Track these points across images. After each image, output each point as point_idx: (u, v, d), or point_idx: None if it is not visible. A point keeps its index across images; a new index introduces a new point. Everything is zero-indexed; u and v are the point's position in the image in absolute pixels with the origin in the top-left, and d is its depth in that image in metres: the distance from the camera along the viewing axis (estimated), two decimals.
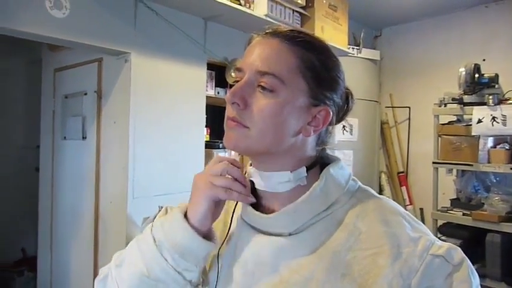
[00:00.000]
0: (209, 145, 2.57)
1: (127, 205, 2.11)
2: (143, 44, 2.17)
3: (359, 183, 0.70)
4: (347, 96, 0.70)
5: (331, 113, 0.65)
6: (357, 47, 3.46)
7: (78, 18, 1.90)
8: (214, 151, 2.57)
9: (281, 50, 0.63)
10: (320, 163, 0.70)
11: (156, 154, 2.24)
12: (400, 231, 0.61)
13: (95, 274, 2.31)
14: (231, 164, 0.65)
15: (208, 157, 2.54)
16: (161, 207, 0.78)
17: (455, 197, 3.17)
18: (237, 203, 0.73)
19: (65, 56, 2.61)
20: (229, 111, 0.64)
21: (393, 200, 0.71)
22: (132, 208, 2.12)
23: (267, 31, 0.66)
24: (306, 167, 0.66)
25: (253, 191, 0.69)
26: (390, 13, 3.71)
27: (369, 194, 0.68)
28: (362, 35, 3.44)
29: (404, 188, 3.90)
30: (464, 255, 0.61)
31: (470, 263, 0.61)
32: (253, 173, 0.69)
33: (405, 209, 0.92)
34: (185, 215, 0.65)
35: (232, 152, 2.58)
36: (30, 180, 3.18)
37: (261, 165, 0.67)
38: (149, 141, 2.20)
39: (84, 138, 2.44)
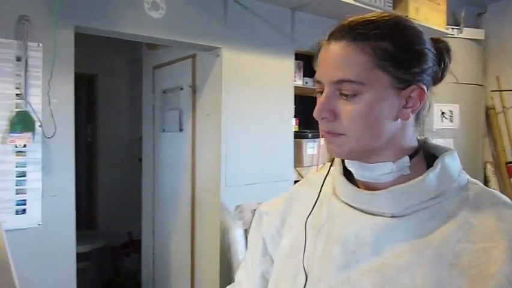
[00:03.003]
0: (298, 135, 2.56)
1: (220, 193, 2.20)
2: (233, 38, 2.23)
3: (468, 176, 0.67)
4: (441, 52, 0.66)
5: (425, 88, 0.62)
6: (458, 27, 3.18)
7: (173, 18, 2.02)
8: (303, 141, 2.56)
9: (349, 52, 0.60)
10: (425, 152, 0.68)
11: (247, 145, 2.30)
12: None
13: (192, 256, 2.46)
14: None
15: (297, 147, 2.54)
16: (254, 210, 0.83)
17: None
18: (326, 176, 0.74)
19: (163, 54, 2.78)
20: (322, 125, 0.65)
21: (501, 192, 0.66)
22: (225, 196, 2.21)
23: (330, 33, 0.64)
24: (409, 156, 0.64)
25: (348, 174, 0.70)
26: None
27: (480, 188, 0.65)
28: (462, 13, 3.16)
29: None
30: None
31: None
32: (351, 164, 0.68)
33: None
34: None
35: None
36: (134, 169, 3.48)
37: (363, 159, 0.66)
38: (240, 132, 2.27)
39: (181, 130, 2.60)
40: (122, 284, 3.53)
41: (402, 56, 0.60)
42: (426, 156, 0.67)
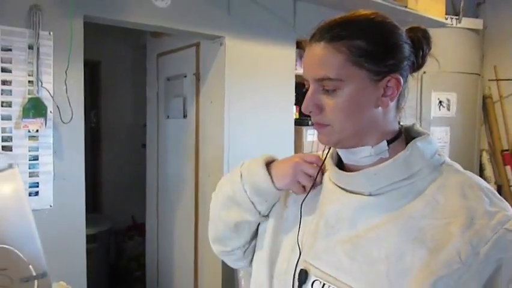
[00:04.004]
0: (298, 122, 2.63)
1: None
2: (236, 28, 2.28)
3: (445, 158, 0.74)
4: (419, 41, 0.72)
5: (401, 77, 0.69)
6: (457, 17, 3.23)
7: (178, 7, 2.07)
8: (303, 128, 2.63)
9: (327, 53, 0.68)
10: (407, 136, 0.75)
11: (249, 131, 2.37)
12: (477, 204, 0.64)
13: (196, 239, 2.55)
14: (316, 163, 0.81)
15: (297, 134, 2.61)
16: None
17: None
18: (323, 161, 0.82)
19: (167, 42, 2.83)
20: (312, 118, 0.74)
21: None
22: None
23: (312, 34, 0.72)
24: (388, 141, 0.72)
25: (340, 161, 0.79)
26: None
27: (454, 169, 0.72)
28: (462, 3, 3.20)
29: (508, 167, 3.59)
30: None
31: None
32: (340, 149, 0.77)
33: (510, 189, 0.89)
34: (268, 164, 0.84)
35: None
36: (138, 155, 3.54)
37: (351, 146, 0.74)
38: (242, 119, 2.34)
39: (185, 117, 2.66)
40: (126, 266, 3.62)
41: (376, 51, 0.68)
42: (409, 140, 0.73)
